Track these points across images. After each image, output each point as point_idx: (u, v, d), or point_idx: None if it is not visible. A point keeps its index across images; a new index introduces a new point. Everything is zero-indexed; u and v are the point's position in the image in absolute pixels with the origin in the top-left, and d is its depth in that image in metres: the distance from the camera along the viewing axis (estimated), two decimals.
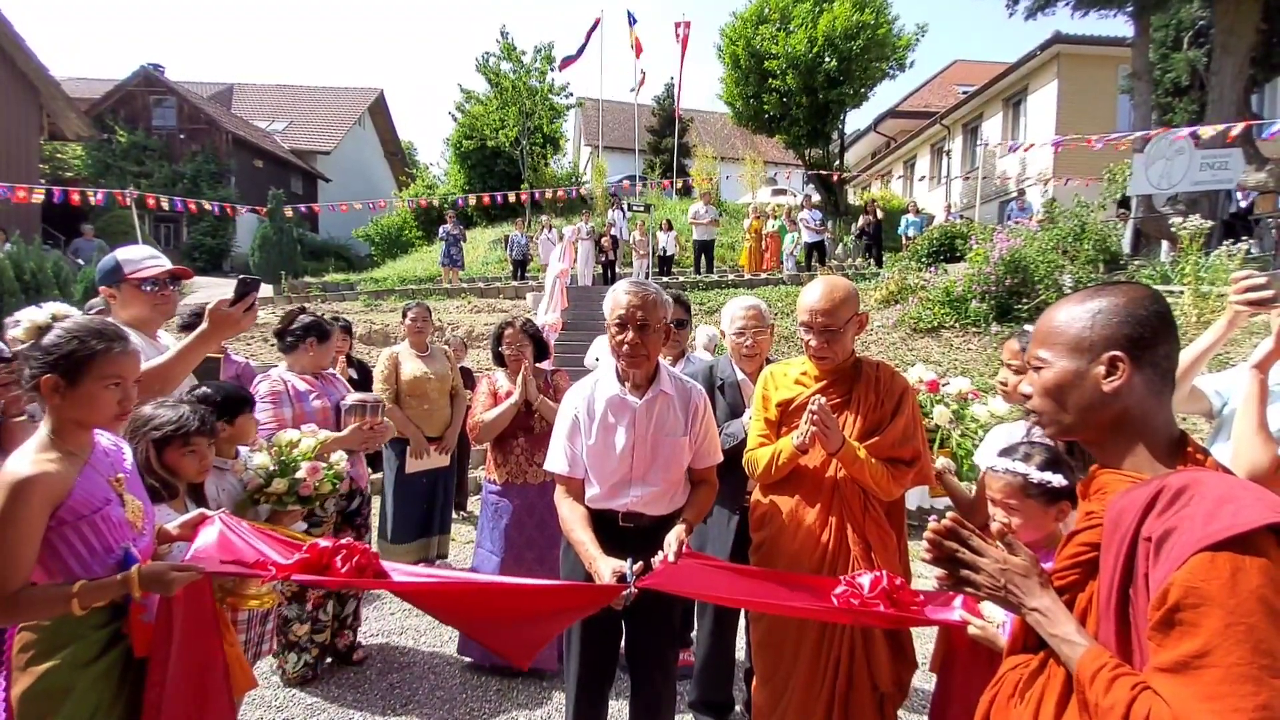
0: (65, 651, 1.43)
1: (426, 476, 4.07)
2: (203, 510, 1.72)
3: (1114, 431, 1.01)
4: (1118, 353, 0.97)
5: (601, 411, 2.03)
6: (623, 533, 2.00)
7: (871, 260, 13.83)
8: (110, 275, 2.09)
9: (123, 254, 2.11)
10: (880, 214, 14.57)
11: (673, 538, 1.84)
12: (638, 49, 17.01)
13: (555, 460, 2.09)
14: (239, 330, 1.97)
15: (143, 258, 2.13)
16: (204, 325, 1.90)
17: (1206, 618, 0.77)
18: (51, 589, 1.38)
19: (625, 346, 1.93)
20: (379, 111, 30.35)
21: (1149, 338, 0.97)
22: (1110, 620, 0.91)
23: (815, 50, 16.11)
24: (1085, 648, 0.92)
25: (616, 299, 1.96)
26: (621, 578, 1.76)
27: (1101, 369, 0.98)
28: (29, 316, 1.54)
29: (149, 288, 2.11)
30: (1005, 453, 1.71)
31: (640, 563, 1.79)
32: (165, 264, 2.15)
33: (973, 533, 1.08)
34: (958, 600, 1.67)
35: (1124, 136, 10.21)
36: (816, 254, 13.81)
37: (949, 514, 1.14)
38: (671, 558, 1.80)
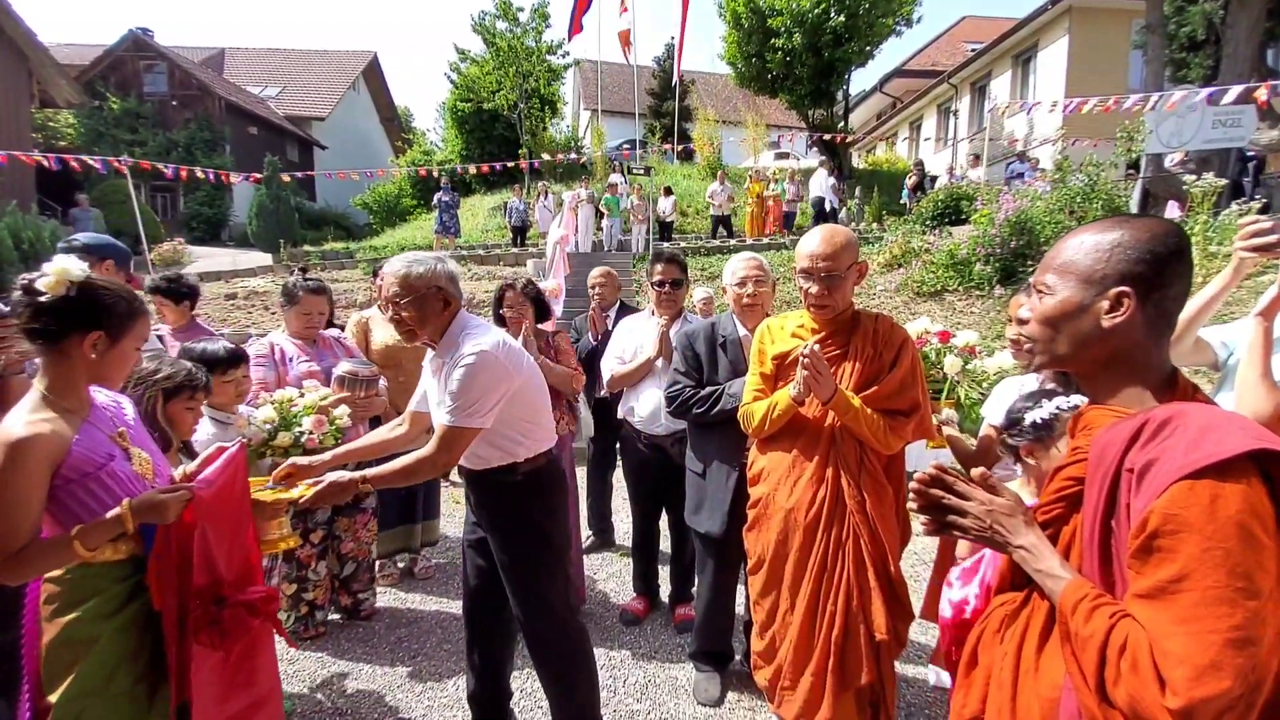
0: (87, 604, 1.46)
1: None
2: (220, 444, 1.71)
3: (1106, 367, 1.01)
4: (1125, 289, 0.95)
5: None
6: None
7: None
8: (122, 259, 2.05)
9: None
10: (920, 175, 14.62)
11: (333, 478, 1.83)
12: (623, 6, 16.53)
13: None
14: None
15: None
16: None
17: (1184, 543, 0.78)
18: (53, 539, 1.40)
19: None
20: (373, 75, 29.71)
21: (1164, 277, 0.95)
22: (1093, 552, 0.92)
23: (822, 6, 15.64)
24: (1068, 581, 0.93)
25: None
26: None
27: (1106, 304, 0.96)
28: (62, 264, 1.45)
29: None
30: (1030, 402, 1.80)
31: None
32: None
33: (957, 478, 1.10)
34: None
35: (1141, 98, 9.92)
36: (822, 219, 13.72)
37: (932, 463, 1.15)
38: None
